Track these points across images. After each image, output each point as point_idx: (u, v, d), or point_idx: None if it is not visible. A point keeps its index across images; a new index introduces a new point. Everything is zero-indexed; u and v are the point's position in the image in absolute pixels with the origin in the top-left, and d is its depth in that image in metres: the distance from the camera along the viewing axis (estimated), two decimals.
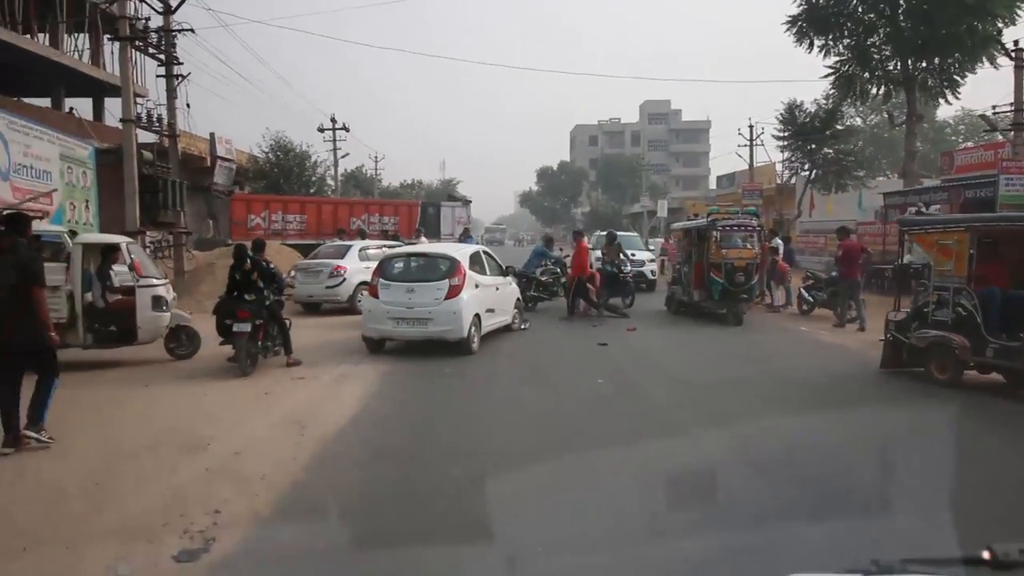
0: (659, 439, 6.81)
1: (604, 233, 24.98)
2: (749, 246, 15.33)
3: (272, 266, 10.88)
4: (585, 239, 17.19)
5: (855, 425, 7.23)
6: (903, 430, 7.00)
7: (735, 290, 14.75)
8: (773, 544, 4.25)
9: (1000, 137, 22.03)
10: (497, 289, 12.92)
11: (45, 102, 28.16)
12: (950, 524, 3.48)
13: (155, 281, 10.61)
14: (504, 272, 13.60)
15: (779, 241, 18.84)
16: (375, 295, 11.51)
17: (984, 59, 22.85)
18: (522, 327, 13.93)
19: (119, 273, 10.91)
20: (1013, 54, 19.71)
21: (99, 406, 8.10)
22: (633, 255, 19.76)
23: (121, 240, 11.03)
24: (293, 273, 16.60)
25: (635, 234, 25.83)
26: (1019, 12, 22.17)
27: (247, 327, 9.80)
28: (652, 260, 23.04)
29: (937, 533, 3.52)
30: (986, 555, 1.68)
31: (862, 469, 5.88)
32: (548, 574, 4.03)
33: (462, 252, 12.37)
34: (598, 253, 20.10)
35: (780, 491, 5.36)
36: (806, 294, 16.06)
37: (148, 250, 18.45)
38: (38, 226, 11.35)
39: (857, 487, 5.46)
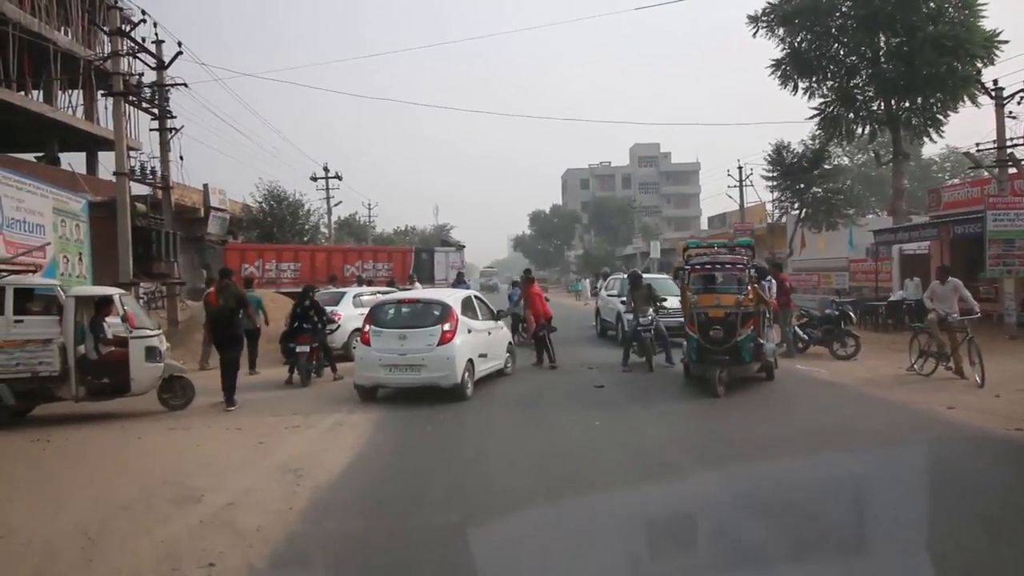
0: (654, 484, 6.74)
1: (606, 275, 22.79)
2: (732, 289, 11.65)
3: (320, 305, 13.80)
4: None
5: (857, 466, 7.13)
6: (883, 467, 6.91)
7: (711, 348, 11.09)
8: None
9: (986, 173, 22.28)
10: (489, 334, 12.89)
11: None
12: None
13: (149, 332, 10.58)
14: (496, 316, 13.59)
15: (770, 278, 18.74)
16: (367, 342, 11.38)
17: (965, 98, 23.30)
18: (506, 370, 13.64)
19: (112, 325, 10.90)
20: (993, 93, 20.02)
21: (91, 458, 8.02)
22: (664, 301, 14.73)
23: (114, 292, 11.02)
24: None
25: (666, 276, 20.88)
26: (996, 52, 22.70)
27: (307, 348, 13.17)
28: None
29: None
30: None
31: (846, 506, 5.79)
32: None
33: (454, 297, 12.29)
34: (618, 300, 17.73)
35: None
36: (800, 332, 16.01)
37: (142, 301, 18.42)
38: (31, 280, 11.43)
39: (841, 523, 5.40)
